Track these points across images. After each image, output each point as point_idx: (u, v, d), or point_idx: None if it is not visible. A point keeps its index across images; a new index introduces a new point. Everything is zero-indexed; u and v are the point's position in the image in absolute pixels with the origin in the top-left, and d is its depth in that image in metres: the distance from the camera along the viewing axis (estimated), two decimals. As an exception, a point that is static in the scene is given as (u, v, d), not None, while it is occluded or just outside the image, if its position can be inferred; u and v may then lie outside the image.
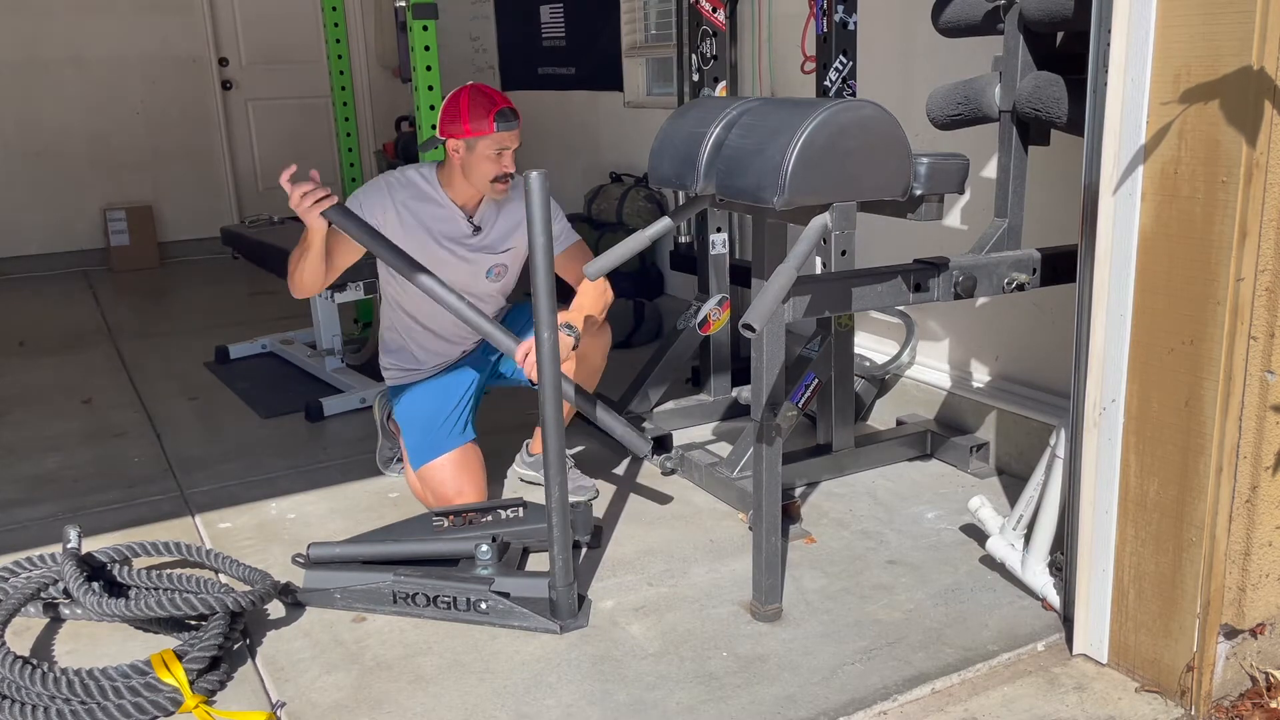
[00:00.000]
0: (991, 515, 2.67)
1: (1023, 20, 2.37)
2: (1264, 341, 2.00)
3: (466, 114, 2.81)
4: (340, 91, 5.03)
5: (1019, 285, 2.47)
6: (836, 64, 3.18)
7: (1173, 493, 2.10)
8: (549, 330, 2.33)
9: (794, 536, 2.88)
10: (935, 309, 3.64)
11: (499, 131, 2.80)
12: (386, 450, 3.43)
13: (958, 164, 2.25)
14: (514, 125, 2.84)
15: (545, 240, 2.29)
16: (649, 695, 2.21)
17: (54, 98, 7.00)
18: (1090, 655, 2.33)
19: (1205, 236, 1.96)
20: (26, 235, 7.03)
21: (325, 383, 4.39)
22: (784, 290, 2.02)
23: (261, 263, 4.76)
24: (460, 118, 2.81)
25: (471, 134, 2.81)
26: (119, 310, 5.99)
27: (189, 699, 2.18)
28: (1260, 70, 1.84)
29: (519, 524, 2.80)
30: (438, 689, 2.26)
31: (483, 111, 2.79)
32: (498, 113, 2.80)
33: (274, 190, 7.62)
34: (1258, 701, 2.22)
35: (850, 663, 2.30)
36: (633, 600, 2.60)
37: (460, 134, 2.82)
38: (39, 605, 2.56)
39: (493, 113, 2.79)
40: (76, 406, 4.24)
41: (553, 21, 6.11)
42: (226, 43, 7.50)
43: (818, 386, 3.24)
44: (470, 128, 2.81)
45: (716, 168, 2.26)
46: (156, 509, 3.23)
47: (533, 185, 2.26)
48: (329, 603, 2.58)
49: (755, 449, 2.46)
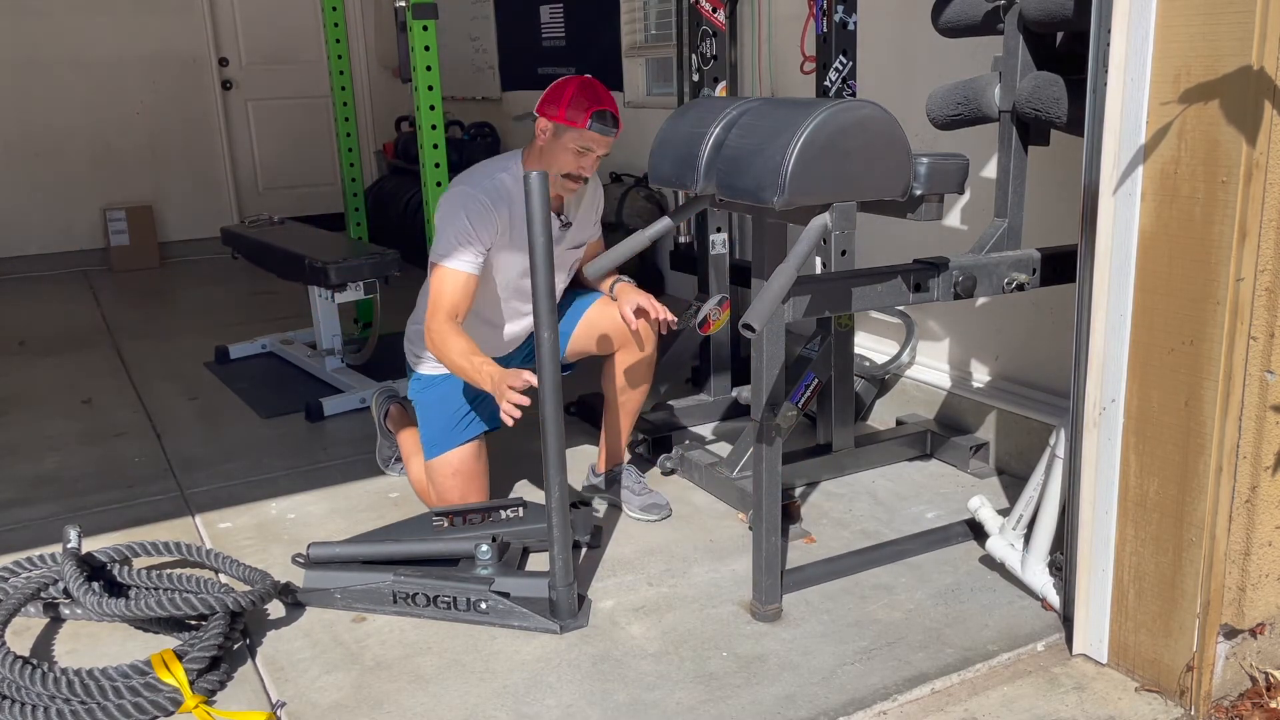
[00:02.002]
0: (991, 515, 2.67)
1: (1023, 20, 2.36)
2: (1264, 341, 2.00)
3: (568, 100, 2.73)
4: (340, 91, 5.03)
5: (1019, 285, 2.47)
6: (836, 64, 3.18)
7: (1173, 492, 2.10)
8: (549, 330, 2.33)
9: (794, 536, 2.88)
10: (935, 309, 3.64)
11: (591, 130, 2.73)
12: (386, 449, 3.43)
13: (958, 164, 2.25)
14: (610, 131, 2.76)
15: (545, 240, 2.29)
16: (649, 695, 2.21)
17: (54, 98, 7.00)
18: (1090, 655, 2.33)
19: (1205, 236, 1.96)
20: (26, 235, 7.03)
21: (325, 383, 4.39)
22: (784, 290, 2.02)
23: (261, 263, 4.76)
24: (561, 101, 2.74)
25: (565, 121, 2.74)
26: (119, 310, 5.99)
27: (189, 699, 2.18)
28: (1260, 70, 1.84)
29: (519, 524, 2.80)
30: (438, 689, 2.26)
31: (584, 104, 2.72)
32: (597, 111, 2.73)
33: (274, 190, 7.75)
34: (1258, 701, 2.22)
35: (850, 663, 2.30)
36: (633, 600, 2.60)
37: (554, 116, 2.76)
38: (39, 605, 2.56)
39: (592, 110, 2.73)
40: (76, 406, 4.24)
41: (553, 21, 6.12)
42: (226, 43, 7.50)
43: (818, 386, 3.24)
44: (566, 115, 2.73)
45: (716, 168, 2.26)
46: (156, 509, 3.23)
47: (532, 185, 2.26)
48: (329, 603, 2.59)
49: (755, 449, 2.46)
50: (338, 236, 4.98)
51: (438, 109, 3.87)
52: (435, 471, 2.98)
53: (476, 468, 2.98)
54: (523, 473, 3.34)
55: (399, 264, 4.22)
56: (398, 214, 6.73)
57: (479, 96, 7.17)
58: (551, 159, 2.81)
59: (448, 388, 2.98)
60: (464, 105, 7.22)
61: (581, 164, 2.80)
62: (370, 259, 4.15)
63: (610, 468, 3.15)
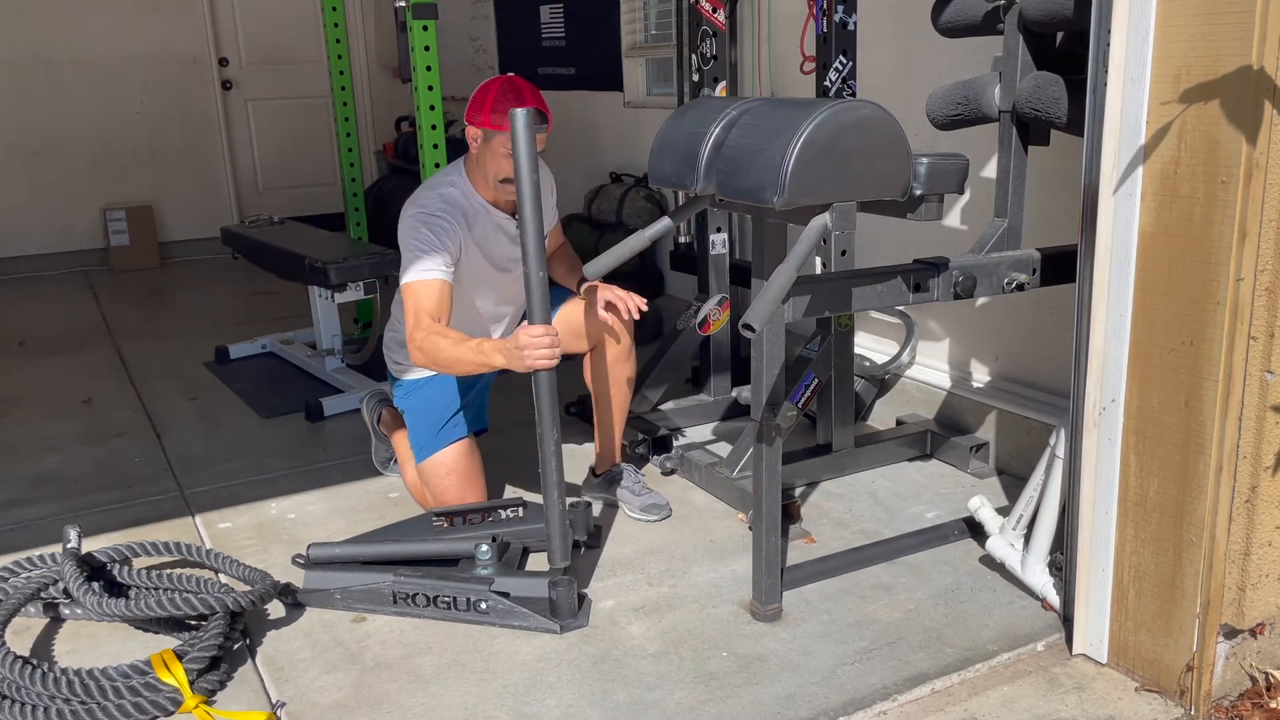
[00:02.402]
0: (991, 515, 2.67)
1: (1023, 20, 2.36)
2: (1264, 341, 2.00)
3: (491, 103, 2.69)
4: (340, 91, 5.03)
5: (1019, 285, 2.47)
6: (836, 64, 3.18)
7: (1173, 492, 2.10)
8: (538, 269, 2.33)
9: (794, 536, 2.88)
10: (935, 309, 3.64)
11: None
12: (382, 451, 3.43)
13: (958, 164, 2.25)
14: (540, 128, 2.69)
15: (531, 180, 2.28)
16: (649, 695, 2.21)
17: (54, 98, 7.00)
18: (1090, 655, 2.33)
19: (1205, 236, 1.96)
20: (26, 235, 7.03)
21: (325, 383, 4.39)
22: (784, 290, 2.02)
23: (261, 263, 4.76)
24: (485, 106, 2.71)
25: (491, 126, 2.71)
26: (119, 310, 5.99)
27: (189, 699, 2.18)
28: (1260, 70, 1.84)
29: (519, 524, 2.80)
30: (438, 689, 2.26)
31: (508, 105, 2.64)
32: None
33: (274, 190, 7.74)
34: (1257, 701, 2.22)
35: (850, 663, 2.30)
36: (633, 600, 2.60)
37: (480, 122, 2.72)
38: (39, 605, 2.56)
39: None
40: (76, 406, 4.24)
41: (553, 21, 6.12)
42: (226, 43, 7.50)
43: (818, 386, 3.24)
44: (491, 119, 2.70)
45: (716, 168, 2.26)
46: (156, 509, 3.23)
47: (517, 122, 2.20)
48: (329, 603, 2.58)
49: (755, 449, 2.46)
50: (338, 236, 4.98)
51: (438, 109, 3.87)
52: (429, 474, 2.97)
53: (470, 466, 2.96)
54: (522, 473, 3.34)
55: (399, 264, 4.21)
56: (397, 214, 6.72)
57: (479, 96, 7.17)
58: (488, 165, 2.77)
59: (430, 391, 2.99)
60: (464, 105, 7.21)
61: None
62: (370, 259, 4.15)
63: (608, 468, 3.15)
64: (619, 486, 3.10)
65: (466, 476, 2.96)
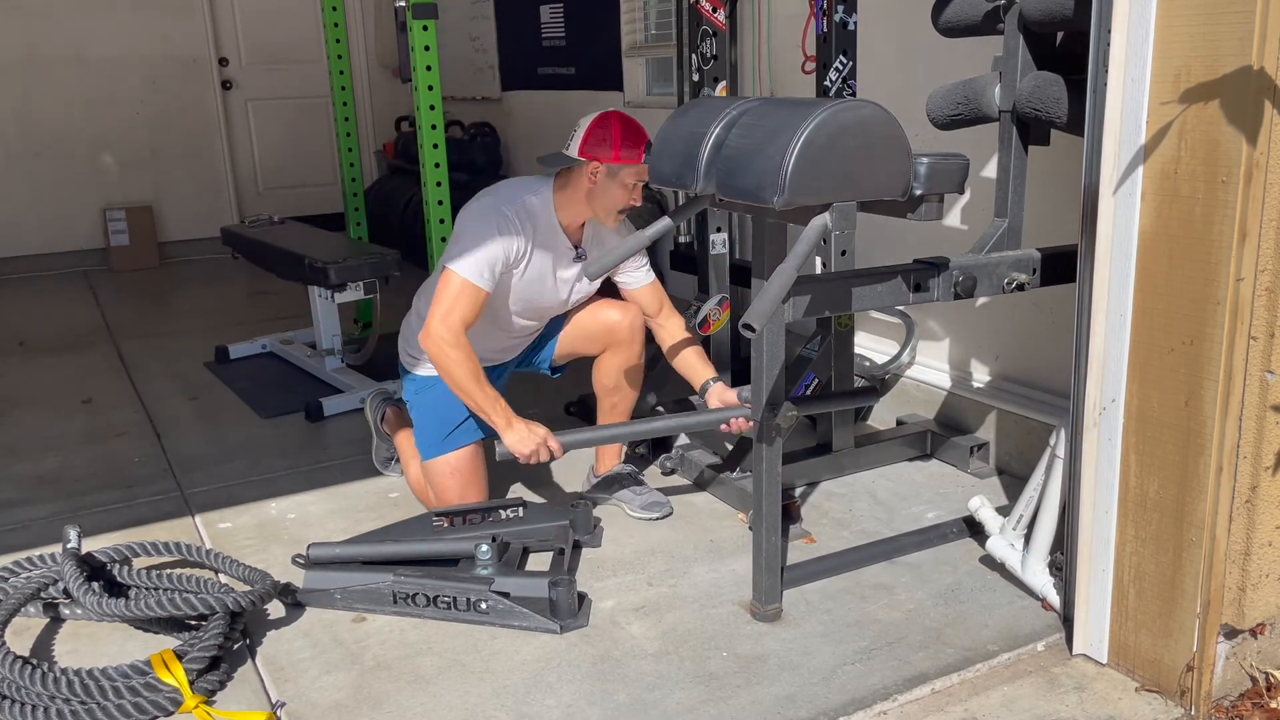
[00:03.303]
0: (992, 515, 2.67)
1: (1023, 20, 2.36)
2: (1264, 341, 2.00)
3: (619, 139, 2.78)
4: (340, 91, 5.03)
5: (1019, 285, 2.47)
6: (836, 64, 3.18)
7: (1173, 492, 2.10)
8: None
9: (794, 536, 2.88)
10: (935, 309, 3.64)
11: (647, 163, 2.73)
12: (383, 451, 3.42)
13: (958, 164, 2.25)
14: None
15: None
16: (649, 695, 2.21)
17: (54, 98, 7.00)
18: (1090, 655, 2.32)
19: (1205, 236, 1.96)
20: (26, 235, 7.03)
21: (325, 383, 4.39)
22: (784, 290, 2.02)
23: (261, 263, 4.76)
24: (611, 142, 2.78)
25: (621, 160, 2.78)
26: (119, 310, 5.99)
27: (189, 699, 2.18)
28: (1260, 70, 1.84)
29: (519, 524, 2.80)
30: (438, 689, 2.26)
31: (635, 140, 2.78)
32: (647, 144, 2.78)
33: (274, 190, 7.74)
34: (1258, 701, 2.22)
35: (850, 663, 2.30)
36: (633, 600, 2.60)
37: (608, 158, 2.78)
38: (39, 605, 2.56)
39: (644, 144, 2.78)
40: (76, 406, 4.24)
41: (553, 21, 6.12)
42: (226, 43, 7.50)
43: (818, 386, 3.24)
44: (620, 154, 2.78)
45: (716, 168, 2.26)
46: (156, 509, 3.23)
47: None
48: (329, 603, 2.58)
49: (755, 449, 2.46)
50: (338, 236, 4.98)
51: (438, 109, 3.87)
52: (432, 472, 2.98)
53: (474, 466, 2.97)
54: (522, 473, 3.34)
55: (399, 264, 4.22)
56: (398, 214, 6.73)
57: (479, 96, 7.17)
58: (604, 197, 2.85)
59: (444, 390, 2.98)
60: (464, 105, 7.22)
61: (634, 196, 2.85)
62: (370, 259, 4.15)
63: (608, 469, 3.15)
64: (620, 487, 3.11)
65: (470, 477, 2.97)
